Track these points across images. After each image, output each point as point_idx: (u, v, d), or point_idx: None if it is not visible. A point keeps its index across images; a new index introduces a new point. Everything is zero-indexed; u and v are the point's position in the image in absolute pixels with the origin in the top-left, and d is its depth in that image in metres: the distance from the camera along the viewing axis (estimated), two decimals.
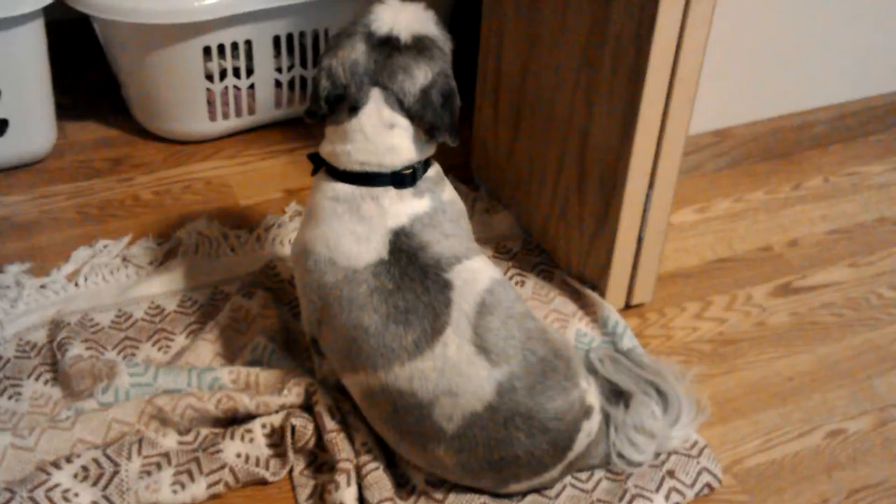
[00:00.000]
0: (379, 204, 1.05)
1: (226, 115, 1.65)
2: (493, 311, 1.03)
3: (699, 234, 1.52)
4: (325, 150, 1.08)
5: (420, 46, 1.05)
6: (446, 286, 1.03)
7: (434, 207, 1.07)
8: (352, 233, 1.04)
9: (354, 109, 1.04)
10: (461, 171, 1.59)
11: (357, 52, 1.04)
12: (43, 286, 1.33)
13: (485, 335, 1.02)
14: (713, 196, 1.60)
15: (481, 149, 1.58)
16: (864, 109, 1.75)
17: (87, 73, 1.78)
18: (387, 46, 1.04)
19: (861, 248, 1.51)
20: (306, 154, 1.12)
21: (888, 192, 1.64)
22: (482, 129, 1.56)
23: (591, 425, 1.06)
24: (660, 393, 1.13)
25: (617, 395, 1.13)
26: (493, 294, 1.04)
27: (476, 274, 1.05)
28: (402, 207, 1.05)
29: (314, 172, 1.11)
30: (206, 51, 1.56)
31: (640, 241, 1.31)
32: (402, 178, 1.06)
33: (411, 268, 1.03)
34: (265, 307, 1.29)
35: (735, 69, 1.56)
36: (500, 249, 1.46)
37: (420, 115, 1.06)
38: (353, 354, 1.04)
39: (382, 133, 1.05)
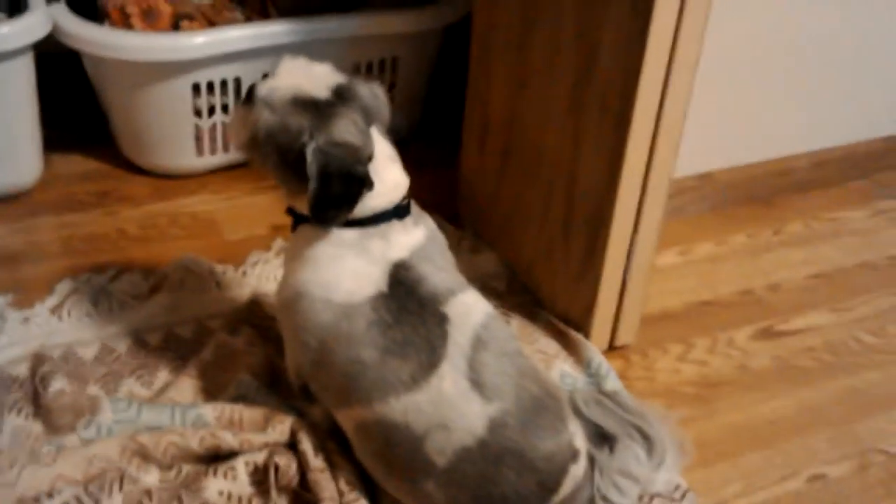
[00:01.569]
0: (386, 240, 1.05)
1: (213, 151, 1.66)
2: (488, 346, 1.04)
3: (681, 277, 1.54)
4: None
5: (350, 79, 1.06)
6: (443, 319, 1.03)
7: (427, 236, 1.08)
8: (353, 271, 1.05)
9: (369, 158, 1.04)
10: (447, 211, 1.60)
11: (342, 113, 1.02)
12: (26, 319, 1.32)
13: (480, 370, 1.02)
14: (695, 239, 1.62)
15: (467, 189, 1.59)
16: (844, 156, 1.79)
17: (74, 107, 1.78)
18: (341, 95, 1.04)
19: (841, 292, 1.53)
20: (285, 210, 1.11)
21: (868, 237, 1.66)
22: (468, 170, 1.57)
23: (578, 469, 1.06)
24: (644, 436, 1.13)
25: (601, 438, 1.14)
26: (488, 329, 1.05)
27: (471, 308, 1.06)
28: (405, 239, 1.06)
29: (295, 227, 1.10)
30: (195, 87, 1.57)
31: (624, 282, 1.32)
32: (404, 209, 1.07)
33: (410, 301, 1.04)
34: (250, 344, 1.28)
35: (718, 114, 1.58)
36: (486, 289, 1.46)
37: (392, 127, 1.08)
38: (348, 389, 1.04)
39: (390, 170, 1.06)
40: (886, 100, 1.78)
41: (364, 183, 1.02)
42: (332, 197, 1.01)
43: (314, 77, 1.04)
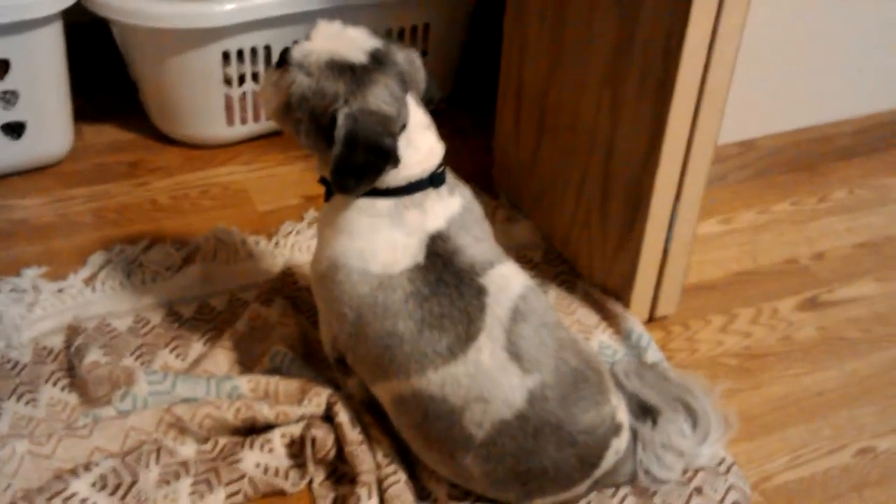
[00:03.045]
0: (422, 209, 1.03)
1: (244, 121, 1.65)
2: (527, 318, 1.02)
3: (723, 247, 1.51)
4: None
5: (387, 43, 1.03)
6: (481, 291, 1.02)
7: (464, 206, 1.06)
8: (390, 241, 1.03)
9: (403, 127, 1.02)
10: (482, 180, 1.57)
11: (377, 79, 1.00)
12: (60, 290, 1.32)
13: (518, 342, 1.00)
14: (737, 207, 1.59)
15: (503, 158, 1.57)
16: (888, 122, 1.73)
17: (104, 77, 1.77)
18: (378, 60, 1.01)
19: (888, 261, 1.49)
20: (318, 179, 1.09)
21: None
22: (504, 139, 1.55)
23: (620, 443, 1.05)
24: (688, 409, 1.11)
25: (643, 410, 1.12)
26: (527, 301, 1.03)
27: (509, 280, 1.04)
28: (441, 208, 1.04)
29: (329, 197, 1.09)
30: (225, 56, 1.55)
31: (665, 252, 1.30)
32: (439, 177, 1.05)
33: (447, 272, 1.02)
34: (284, 315, 1.27)
35: (760, 80, 1.54)
36: (522, 259, 1.44)
37: (429, 98, 1.06)
38: (385, 362, 1.03)
39: (425, 138, 1.04)
40: None
41: (389, 157, 1.00)
42: (355, 166, 0.99)
43: (350, 41, 1.02)
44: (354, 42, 1.01)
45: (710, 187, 1.58)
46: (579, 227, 1.39)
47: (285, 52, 1.02)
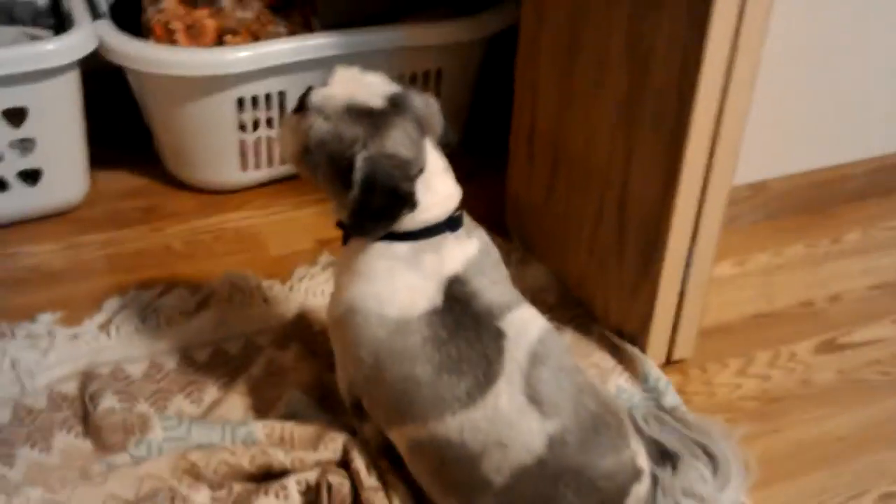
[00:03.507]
0: (439, 253, 1.03)
1: (258, 166, 1.65)
2: (545, 361, 1.01)
3: (738, 289, 1.50)
4: None
5: (403, 88, 1.04)
6: (499, 335, 1.01)
7: (481, 249, 1.06)
8: (407, 285, 1.03)
9: (420, 171, 1.03)
10: (495, 224, 1.56)
11: (395, 124, 1.01)
12: (74, 336, 1.32)
13: (537, 386, 1.00)
14: (751, 249, 1.58)
15: (515, 201, 1.57)
16: None
17: (119, 124, 1.78)
18: (396, 105, 1.02)
19: None
20: (335, 223, 1.09)
21: None
22: (516, 182, 1.55)
23: (641, 489, 1.03)
24: (708, 455, 1.10)
25: (663, 455, 1.10)
26: (545, 344, 1.02)
27: (527, 323, 1.03)
28: (458, 251, 1.04)
29: (346, 241, 1.09)
30: (240, 102, 1.56)
31: (681, 295, 1.29)
32: (456, 220, 1.05)
33: (465, 316, 1.02)
34: (299, 360, 1.27)
35: (771, 122, 1.55)
36: (537, 302, 1.40)
37: (445, 143, 1.07)
38: (402, 407, 1.02)
39: (442, 181, 1.04)
40: None
41: (407, 202, 1.00)
42: (373, 209, 1.00)
43: (368, 86, 1.03)
44: (372, 87, 1.02)
45: (724, 230, 1.58)
46: (594, 269, 1.39)
47: (304, 97, 1.03)
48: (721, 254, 1.53)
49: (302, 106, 1.03)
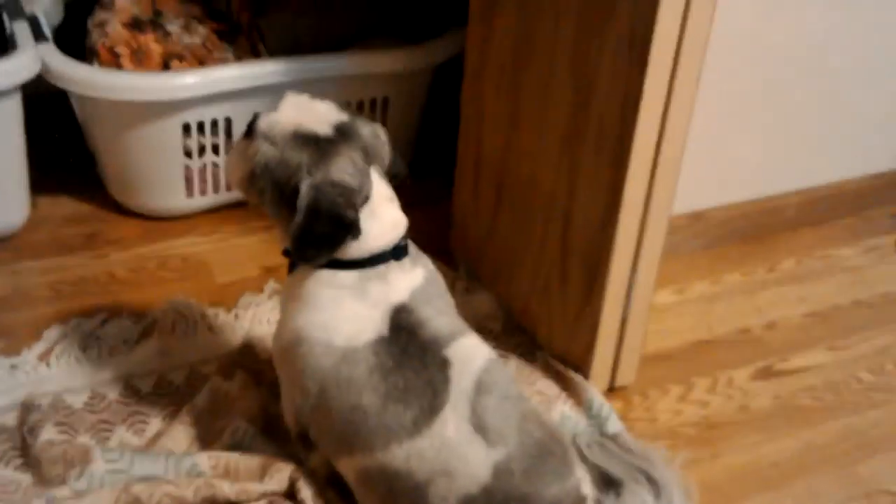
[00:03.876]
0: (385, 281, 1.04)
1: (203, 192, 1.64)
2: (491, 390, 1.02)
3: (678, 316, 1.53)
4: None
5: (352, 117, 1.05)
6: (445, 364, 1.02)
7: (427, 278, 1.08)
8: (353, 314, 1.03)
9: (366, 199, 1.03)
10: (441, 252, 1.58)
11: (341, 151, 1.01)
12: (13, 366, 1.29)
13: (482, 415, 1.00)
14: (690, 278, 1.62)
15: (461, 228, 1.58)
16: (833, 194, 1.79)
17: (62, 148, 1.76)
18: (343, 133, 1.03)
19: (838, 330, 1.53)
20: (282, 251, 1.09)
21: (860, 274, 1.66)
22: (462, 210, 1.56)
23: None
24: (650, 480, 1.12)
25: (607, 482, 1.12)
26: (490, 373, 1.03)
27: (472, 352, 1.04)
28: (404, 280, 1.05)
29: (292, 269, 1.09)
30: (186, 128, 1.55)
31: (623, 322, 1.31)
32: (402, 249, 1.06)
33: (411, 345, 1.02)
34: (245, 389, 1.26)
35: (709, 152, 1.58)
36: (482, 330, 1.42)
37: (394, 174, 1.08)
38: (349, 437, 1.02)
39: (388, 210, 1.05)
40: (874, 137, 1.79)
41: (350, 229, 1.01)
42: (316, 236, 1.00)
43: (316, 113, 1.03)
44: (320, 115, 1.03)
45: (663, 258, 1.61)
46: (538, 297, 1.40)
47: (252, 123, 1.04)
48: (661, 282, 1.56)
49: (250, 131, 1.03)
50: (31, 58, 1.45)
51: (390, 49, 1.67)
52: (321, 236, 1.00)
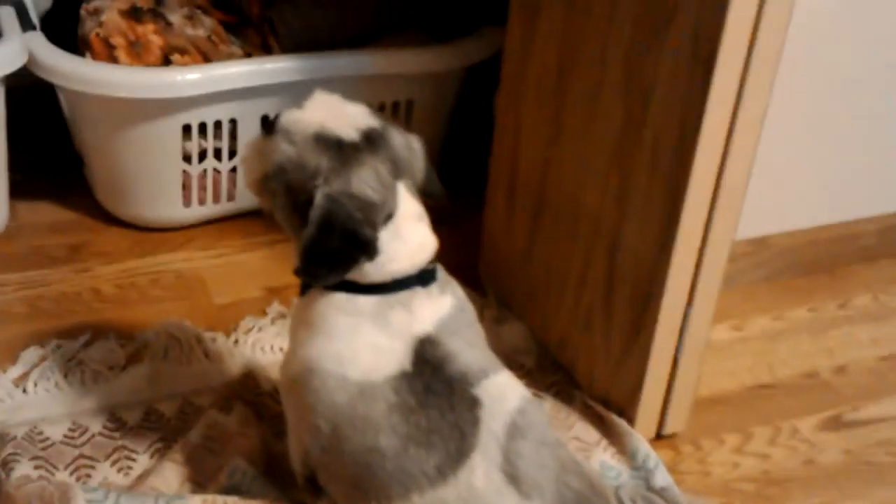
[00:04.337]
0: (409, 310, 1.03)
1: (202, 201, 1.65)
2: (526, 434, 1.01)
3: (736, 355, 1.52)
4: None
5: (385, 125, 1.06)
6: (474, 403, 1.01)
7: (456, 307, 1.07)
8: (372, 345, 1.03)
9: (389, 217, 1.03)
10: (467, 274, 1.57)
11: (366, 161, 1.01)
12: None
13: (516, 462, 0.99)
14: (750, 312, 1.61)
15: (492, 250, 1.58)
16: None
17: (45, 148, 1.77)
18: (370, 141, 1.03)
19: None
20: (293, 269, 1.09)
21: None
22: (494, 228, 1.56)
23: None
24: None
25: None
26: (525, 415, 1.02)
27: (505, 391, 1.04)
28: (430, 309, 1.04)
29: (304, 291, 1.09)
30: (186, 129, 1.56)
31: (675, 361, 1.30)
32: (429, 274, 1.05)
33: (436, 381, 1.02)
34: (244, 424, 1.26)
35: (775, 172, 1.58)
36: (513, 365, 1.42)
37: (427, 190, 1.08)
38: (364, 483, 1.01)
39: (416, 230, 1.05)
40: None
41: (366, 248, 1.00)
42: (327, 252, 1.00)
43: (345, 115, 1.03)
44: (349, 118, 1.03)
45: (720, 289, 1.60)
46: (579, 330, 1.39)
47: (275, 119, 1.04)
48: (717, 316, 1.55)
49: (272, 128, 1.04)
50: (17, 47, 1.47)
51: (416, 47, 1.68)
52: (332, 253, 1.00)
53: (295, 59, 1.58)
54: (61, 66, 1.50)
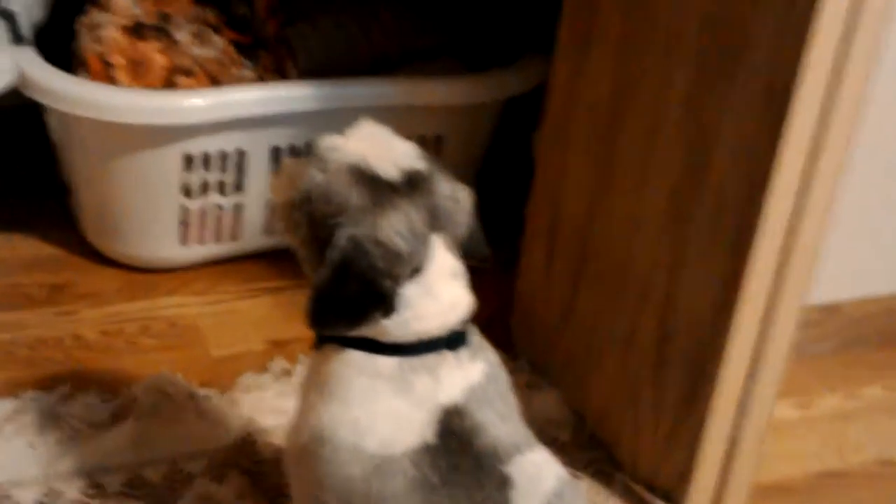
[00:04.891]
0: (435, 376, 1.04)
1: (201, 240, 1.66)
2: None
3: (801, 437, 1.52)
4: None
5: (430, 168, 1.06)
6: (505, 483, 1.01)
7: (487, 374, 1.07)
8: (392, 413, 1.03)
9: (416, 271, 1.04)
10: (497, 334, 1.56)
11: (400, 205, 1.02)
12: None
13: None
14: (817, 388, 1.61)
15: (526, 308, 1.58)
16: None
17: (26, 174, 1.79)
18: (411, 184, 1.04)
19: None
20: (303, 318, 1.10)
21: None
22: (530, 284, 1.57)
23: None
24: None
25: None
26: (563, 499, 1.02)
27: (541, 470, 1.04)
28: (459, 376, 1.04)
29: (319, 345, 1.09)
30: (188, 160, 1.58)
31: (732, 442, 1.30)
32: (459, 337, 1.06)
33: (463, 457, 1.01)
34: (241, 496, 1.26)
35: (850, 231, 1.58)
36: (545, 439, 1.42)
37: (469, 249, 1.08)
38: None
39: (449, 287, 1.05)
40: None
41: (382, 303, 1.01)
42: (338, 299, 1.00)
43: (389, 151, 1.04)
44: (394, 154, 1.04)
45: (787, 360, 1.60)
46: (622, 402, 1.39)
47: (314, 142, 1.05)
48: (782, 391, 1.55)
49: (309, 151, 1.05)
50: (6, 64, 1.49)
51: (448, 76, 1.70)
52: (344, 302, 1.01)
53: (312, 85, 1.60)
54: (53, 85, 1.52)
